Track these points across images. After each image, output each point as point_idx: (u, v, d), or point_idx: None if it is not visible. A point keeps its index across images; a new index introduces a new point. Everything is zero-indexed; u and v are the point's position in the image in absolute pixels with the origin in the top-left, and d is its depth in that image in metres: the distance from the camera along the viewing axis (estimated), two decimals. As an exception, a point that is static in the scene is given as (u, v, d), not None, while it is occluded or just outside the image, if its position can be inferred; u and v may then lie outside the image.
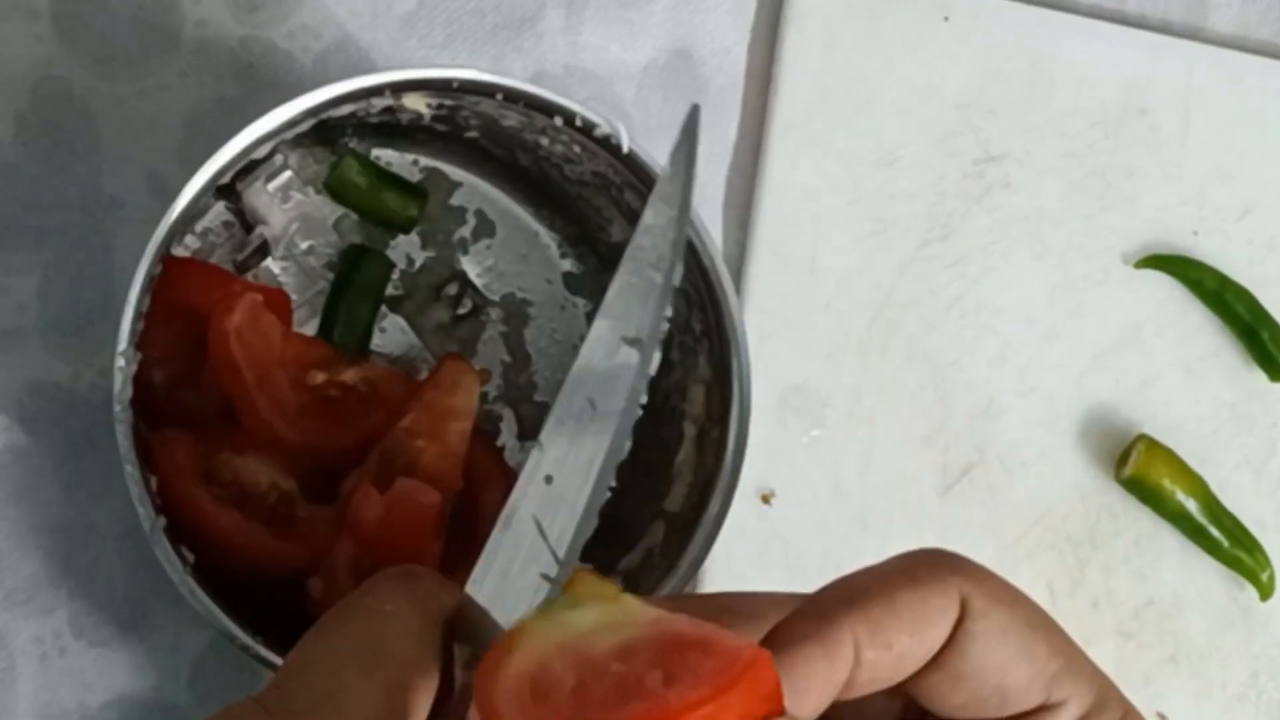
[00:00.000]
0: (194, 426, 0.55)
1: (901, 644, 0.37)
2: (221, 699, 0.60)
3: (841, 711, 0.37)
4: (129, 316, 0.51)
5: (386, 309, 0.61)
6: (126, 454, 0.51)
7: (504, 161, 0.61)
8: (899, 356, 0.66)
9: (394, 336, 0.61)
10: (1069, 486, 0.67)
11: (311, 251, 0.61)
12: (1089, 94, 0.68)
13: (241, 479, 0.55)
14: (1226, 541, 0.66)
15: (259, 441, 0.55)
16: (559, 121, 0.55)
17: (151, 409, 0.54)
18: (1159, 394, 0.68)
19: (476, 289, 0.62)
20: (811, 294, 0.66)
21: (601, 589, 0.39)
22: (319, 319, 0.60)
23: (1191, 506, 0.66)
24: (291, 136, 0.54)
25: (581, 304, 0.63)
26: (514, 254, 0.63)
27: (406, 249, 0.62)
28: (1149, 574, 0.67)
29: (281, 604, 0.55)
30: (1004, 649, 0.37)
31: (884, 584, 0.37)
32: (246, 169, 0.58)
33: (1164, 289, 0.68)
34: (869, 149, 0.66)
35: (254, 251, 0.60)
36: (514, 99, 0.55)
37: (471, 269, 0.62)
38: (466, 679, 0.38)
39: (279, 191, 0.60)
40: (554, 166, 0.59)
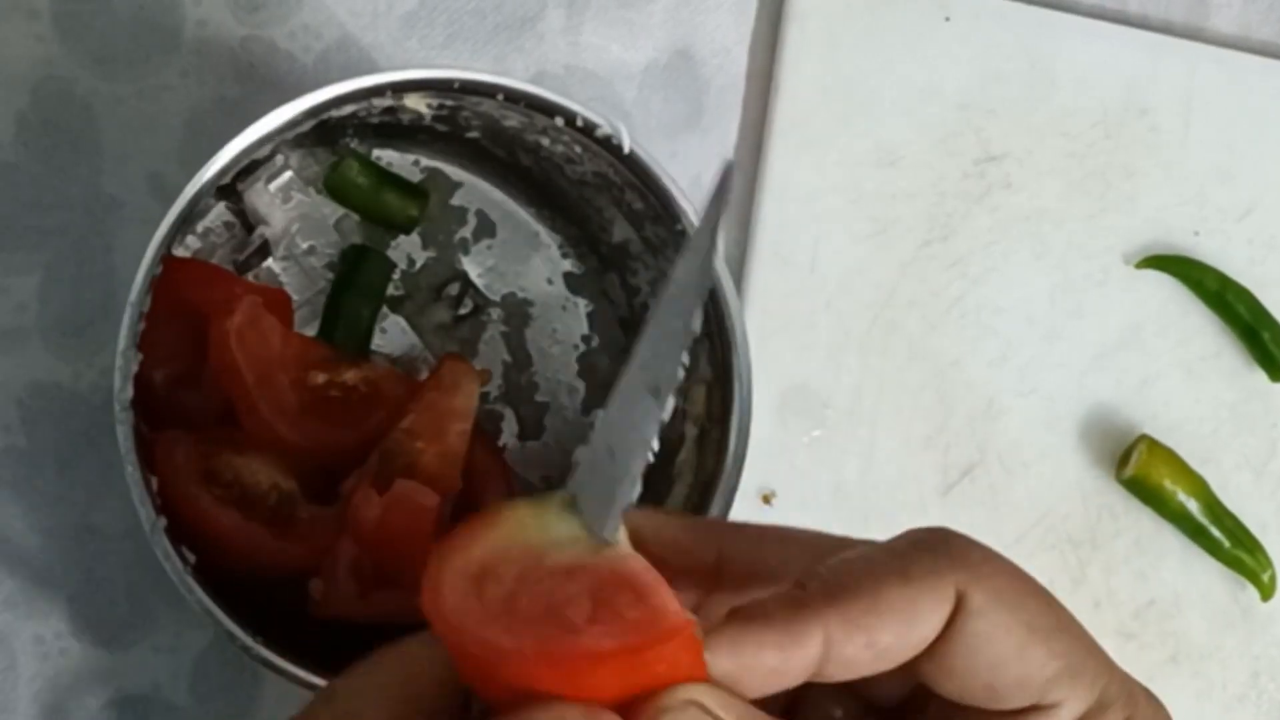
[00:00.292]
0: (195, 427, 0.55)
1: (883, 642, 0.36)
2: (222, 699, 0.60)
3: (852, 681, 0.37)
4: (130, 317, 0.51)
5: (387, 309, 0.61)
6: (127, 454, 0.51)
7: (505, 162, 0.61)
8: (900, 357, 0.66)
9: (395, 337, 0.61)
10: (1070, 487, 0.67)
11: (312, 252, 0.61)
12: (1090, 94, 0.68)
13: (242, 479, 0.55)
14: (1227, 542, 0.66)
15: (260, 442, 0.55)
16: (560, 122, 0.55)
17: (152, 409, 0.54)
18: (1160, 394, 0.68)
19: (477, 289, 0.62)
20: (812, 294, 0.66)
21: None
22: (320, 319, 0.60)
23: (1192, 507, 0.66)
24: (292, 137, 0.54)
25: (582, 304, 0.63)
26: (515, 254, 0.63)
27: (407, 249, 0.62)
28: (1150, 574, 0.67)
29: (282, 604, 0.55)
30: (996, 649, 0.36)
31: (872, 580, 0.36)
32: (247, 169, 0.58)
33: (1165, 289, 0.68)
34: (870, 149, 0.66)
35: (255, 252, 0.60)
36: (515, 99, 0.55)
37: (472, 269, 0.62)
38: None
39: (280, 192, 0.60)
40: (555, 167, 0.59)
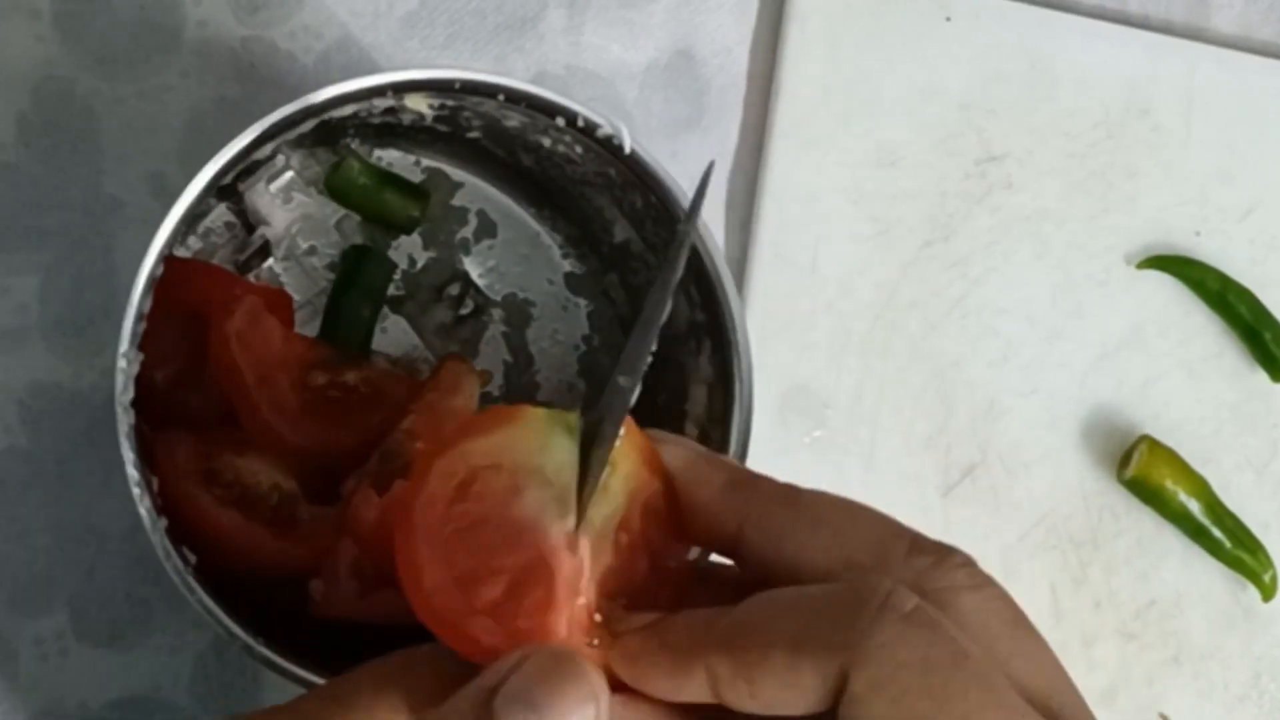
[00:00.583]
0: (195, 427, 0.55)
1: (765, 698, 0.36)
2: (223, 700, 0.60)
3: None
4: (130, 317, 0.51)
5: (388, 309, 0.61)
6: (128, 455, 0.50)
7: (506, 162, 0.61)
8: (901, 357, 0.66)
9: (396, 337, 0.61)
10: (1071, 487, 0.67)
11: (313, 252, 0.61)
12: (1091, 94, 0.68)
13: (243, 480, 0.55)
14: (1229, 542, 0.66)
15: (260, 442, 0.55)
16: (561, 122, 0.55)
17: (153, 410, 0.54)
18: (1161, 394, 0.68)
19: (478, 289, 0.62)
20: (813, 294, 0.66)
21: (632, 442, 0.40)
22: (321, 320, 0.60)
23: (1194, 507, 0.66)
24: (293, 137, 0.54)
25: (583, 304, 0.63)
26: (516, 254, 0.63)
27: (408, 249, 0.62)
28: (1151, 575, 0.67)
29: (282, 604, 0.55)
30: None
31: (765, 637, 0.36)
32: (248, 169, 0.58)
33: (1166, 289, 0.68)
34: (871, 149, 0.66)
35: (256, 252, 0.60)
36: (516, 100, 0.54)
37: (473, 269, 0.62)
38: None
39: (280, 192, 0.60)
40: (556, 167, 0.59)
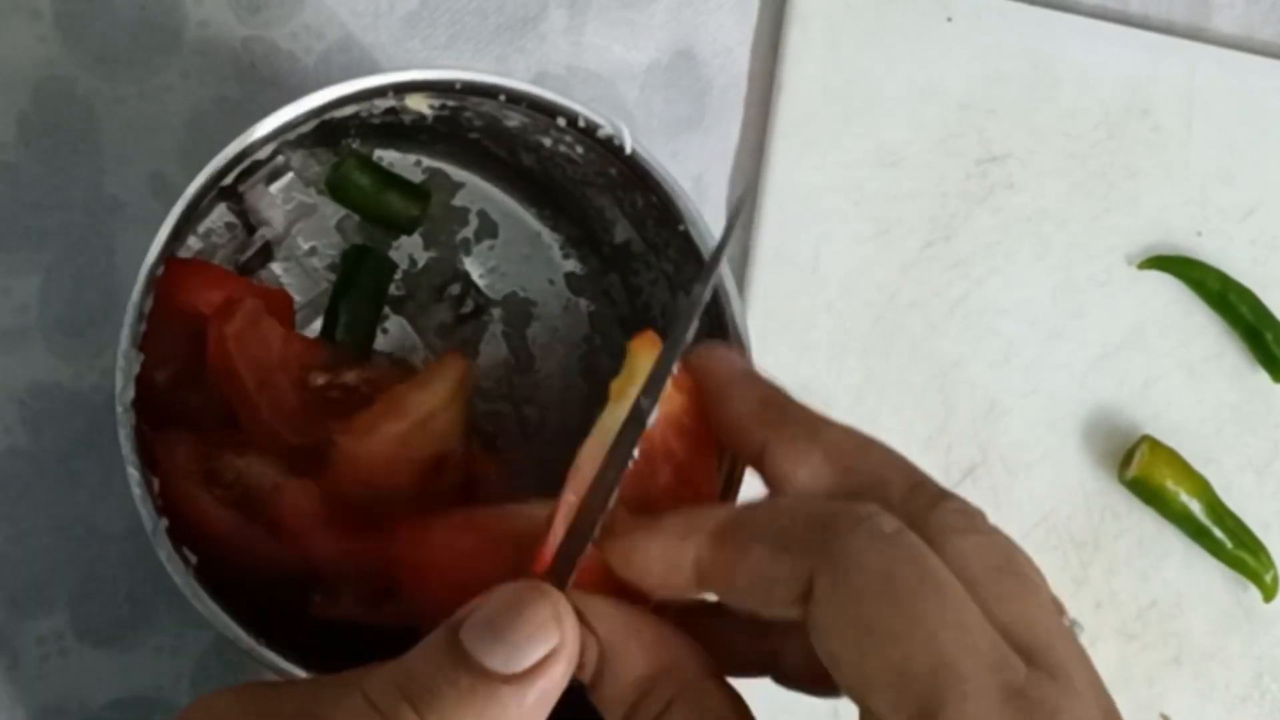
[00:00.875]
0: (196, 427, 0.55)
1: (745, 590, 0.37)
2: (224, 700, 0.60)
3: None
4: (131, 317, 0.51)
5: (389, 310, 0.61)
6: (128, 455, 0.50)
7: (507, 162, 0.61)
8: (902, 357, 0.66)
9: (396, 337, 0.61)
10: (1072, 487, 0.67)
11: (314, 253, 0.61)
12: (1092, 94, 0.68)
13: (244, 480, 0.55)
14: (1230, 542, 0.66)
15: (261, 443, 0.55)
16: (562, 122, 0.55)
17: (154, 410, 0.54)
18: (1162, 395, 0.67)
19: (479, 289, 0.62)
20: (814, 295, 0.66)
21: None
22: (321, 320, 0.60)
23: (1195, 507, 0.66)
24: (294, 137, 0.54)
25: (584, 304, 0.63)
26: (516, 255, 0.63)
27: (409, 250, 0.62)
28: (1152, 575, 0.67)
29: (283, 605, 0.55)
30: (831, 644, 0.35)
31: (745, 539, 0.38)
32: (248, 170, 0.58)
33: (1167, 290, 0.68)
34: (872, 149, 0.66)
35: (256, 253, 0.60)
36: (517, 100, 0.54)
37: (474, 269, 0.62)
38: None
39: (281, 192, 0.60)
40: (557, 167, 0.59)
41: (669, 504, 0.41)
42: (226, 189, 0.58)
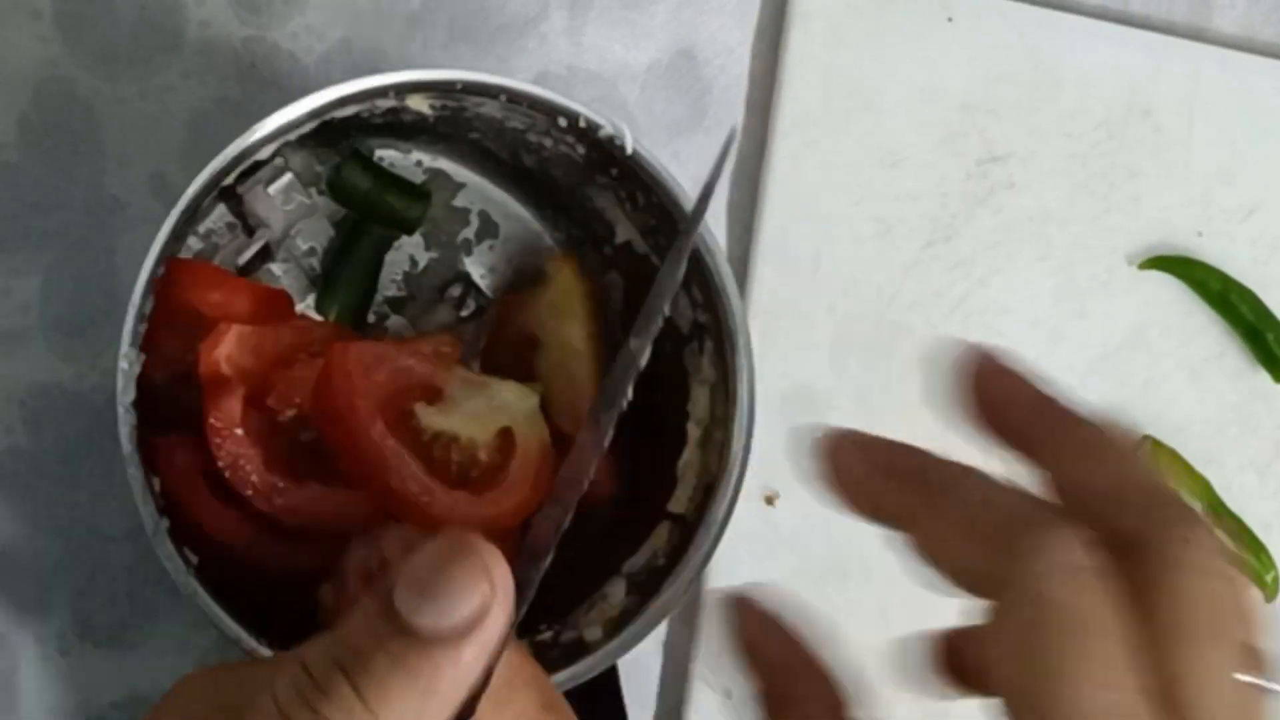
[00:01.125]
0: (196, 428, 0.55)
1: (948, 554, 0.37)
2: (224, 701, 0.60)
3: None
4: (132, 318, 0.51)
5: (390, 310, 0.61)
6: (129, 455, 0.50)
7: (508, 163, 0.61)
8: (903, 358, 0.66)
9: (397, 338, 0.61)
10: (1073, 488, 0.66)
11: (313, 253, 0.61)
12: (1093, 95, 0.68)
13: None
14: (1231, 543, 0.66)
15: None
16: (563, 123, 0.55)
17: (154, 410, 0.54)
18: (1163, 395, 0.67)
19: (480, 290, 0.62)
20: (815, 295, 0.66)
21: None
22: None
23: (1196, 508, 0.66)
24: (295, 138, 0.54)
25: (585, 305, 0.63)
26: (517, 255, 0.63)
27: (410, 250, 0.62)
28: (1153, 576, 0.67)
29: (286, 605, 0.55)
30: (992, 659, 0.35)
31: (963, 509, 0.37)
32: (249, 170, 0.58)
33: (1168, 290, 0.68)
34: (873, 150, 0.66)
35: (257, 254, 0.60)
36: (517, 100, 0.54)
37: (475, 270, 0.62)
38: None
39: (280, 194, 0.60)
40: (558, 168, 0.59)
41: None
42: (227, 189, 0.58)
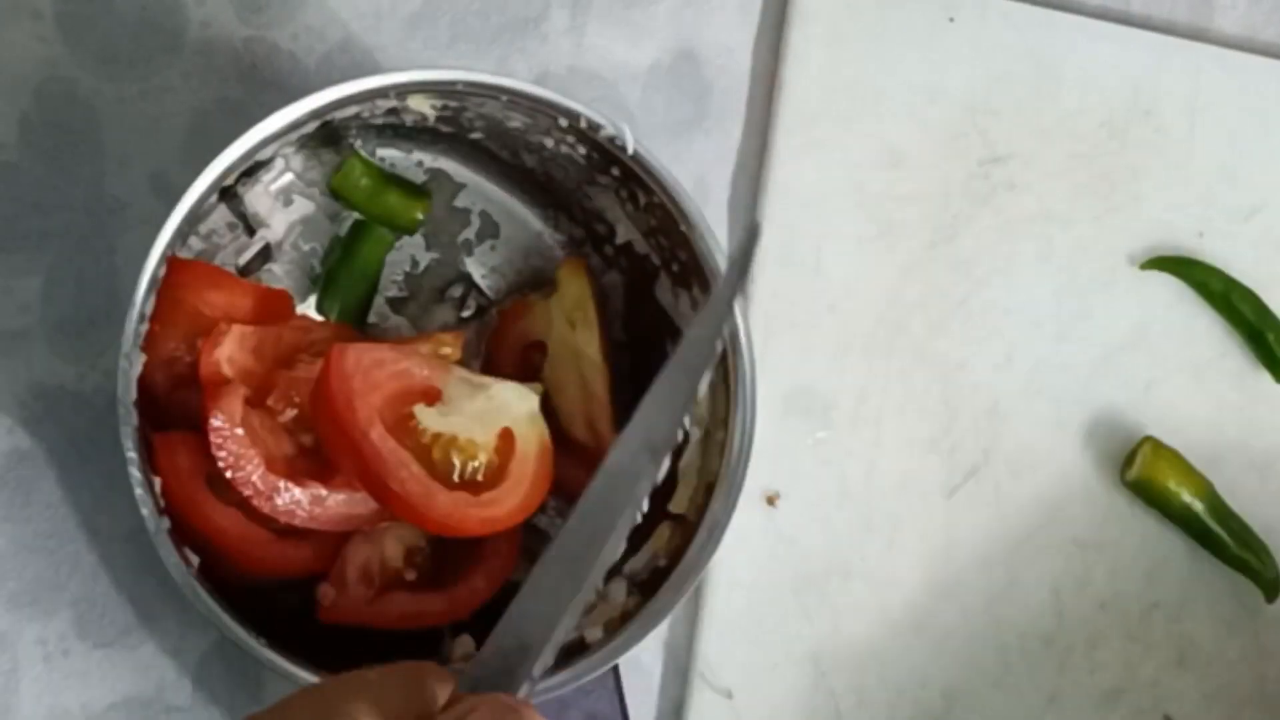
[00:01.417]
0: (197, 428, 0.55)
1: None
2: (225, 701, 0.60)
3: None
4: (133, 318, 0.51)
5: (390, 310, 0.61)
6: (130, 456, 0.50)
7: (508, 163, 0.61)
8: (905, 358, 0.66)
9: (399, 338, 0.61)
10: (1075, 489, 0.66)
11: (314, 253, 0.61)
12: (1095, 95, 0.68)
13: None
14: (1233, 544, 0.66)
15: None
16: (564, 123, 0.55)
17: (155, 411, 0.54)
18: (1165, 396, 0.67)
19: (481, 290, 0.62)
20: (817, 295, 0.65)
21: None
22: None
23: (1198, 509, 0.66)
24: (295, 138, 0.54)
25: (586, 305, 0.63)
26: (518, 255, 0.63)
27: (411, 251, 0.62)
28: (1155, 576, 0.67)
29: (285, 606, 0.55)
30: None
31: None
32: (250, 171, 0.58)
33: (1170, 291, 0.68)
34: (874, 150, 0.66)
35: (258, 254, 0.60)
36: (518, 100, 0.54)
37: (475, 270, 0.62)
38: None
39: (281, 194, 0.60)
40: (559, 168, 0.59)
41: None
42: (228, 190, 0.58)
